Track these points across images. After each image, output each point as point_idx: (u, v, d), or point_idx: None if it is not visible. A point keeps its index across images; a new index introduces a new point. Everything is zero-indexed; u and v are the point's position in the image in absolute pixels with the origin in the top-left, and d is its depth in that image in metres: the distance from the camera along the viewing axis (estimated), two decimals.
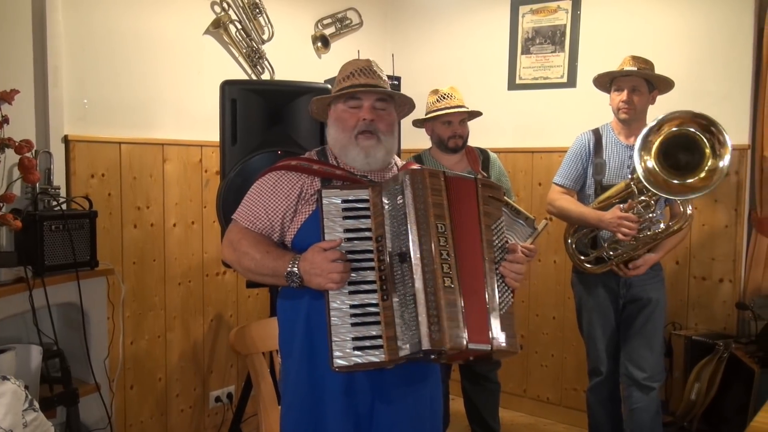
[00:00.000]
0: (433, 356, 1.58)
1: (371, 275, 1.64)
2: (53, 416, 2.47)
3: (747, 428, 1.75)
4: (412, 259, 1.59)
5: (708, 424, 3.09)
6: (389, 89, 1.83)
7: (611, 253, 2.75)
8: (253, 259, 1.75)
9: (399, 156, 2.06)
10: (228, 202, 2.59)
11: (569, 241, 2.91)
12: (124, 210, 2.99)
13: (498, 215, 1.73)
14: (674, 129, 2.54)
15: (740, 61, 3.24)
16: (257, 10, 3.47)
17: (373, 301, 1.62)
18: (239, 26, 3.41)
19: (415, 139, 3.60)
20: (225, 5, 3.34)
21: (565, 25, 3.73)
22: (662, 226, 2.66)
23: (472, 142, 3.04)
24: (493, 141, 3.29)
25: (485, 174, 2.87)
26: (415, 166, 1.91)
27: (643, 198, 2.63)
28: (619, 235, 2.64)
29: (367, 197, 1.68)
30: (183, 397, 3.30)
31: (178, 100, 3.19)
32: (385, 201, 1.66)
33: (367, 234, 1.66)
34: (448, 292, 1.59)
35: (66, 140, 2.77)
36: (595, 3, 3.64)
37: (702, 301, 3.38)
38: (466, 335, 1.57)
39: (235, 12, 3.39)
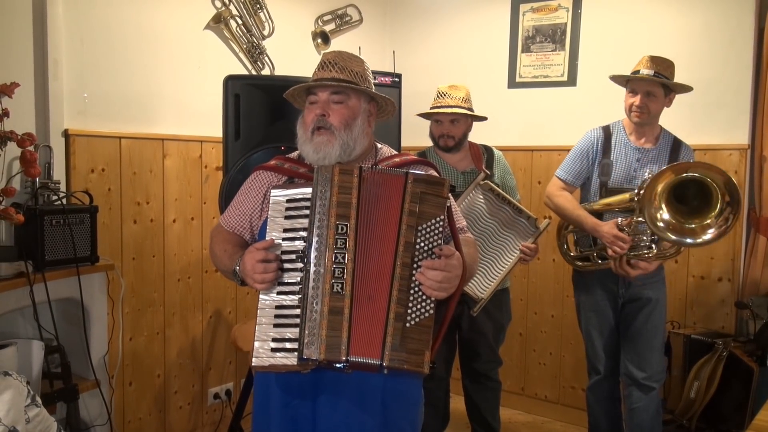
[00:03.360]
0: (337, 365, 1.52)
1: (296, 276, 1.59)
2: (53, 412, 2.45)
3: (749, 427, 1.75)
4: (311, 261, 1.55)
5: (707, 422, 3.11)
6: (350, 81, 1.74)
7: (599, 260, 2.76)
8: (215, 256, 1.84)
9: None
10: (230, 197, 2.56)
11: (562, 231, 2.92)
12: (124, 205, 2.97)
13: (435, 214, 1.56)
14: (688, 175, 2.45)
15: (740, 61, 3.25)
16: (258, 6, 3.45)
17: (292, 303, 1.58)
18: (240, 21, 3.39)
19: (415, 136, 3.60)
20: (226, 0, 3.32)
21: (565, 24, 3.73)
22: (655, 250, 2.62)
23: (474, 139, 3.03)
24: (492, 139, 3.28)
25: (489, 172, 2.86)
26: (411, 157, 1.88)
27: (642, 219, 2.56)
28: (610, 251, 2.64)
29: (310, 195, 1.60)
30: (181, 393, 3.28)
31: (179, 95, 3.16)
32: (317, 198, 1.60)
33: (302, 233, 1.60)
34: (335, 298, 1.52)
35: (66, 134, 2.75)
36: (595, 2, 3.64)
37: (701, 300, 3.40)
38: (346, 346, 1.50)
39: (236, 7, 3.37)
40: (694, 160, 2.77)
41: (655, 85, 2.66)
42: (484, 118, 2.97)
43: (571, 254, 2.93)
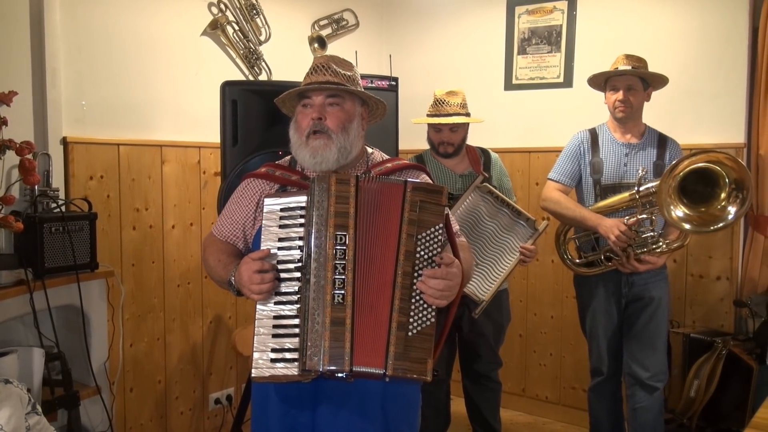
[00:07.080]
0: (339, 375, 1.51)
1: (293, 286, 1.58)
2: (54, 419, 2.46)
3: (748, 424, 1.76)
4: (311, 272, 1.54)
5: (707, 420, 3.11)
6: (345, 85, 1.73)
7: (607, 263, 2.76)
8: (209, 266, 1.82)
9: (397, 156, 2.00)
10: None
11: (561, 239, 2.93)
12: (123, 212, 2.98)
13: (434, 222, 1.57)
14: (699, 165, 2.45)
15: (735, 60, 3.27)
16: (254, 11, 3.46)
17: (291, 313, 1.57)
18: (237, 27, 3.40)
19: (412, 139, 3.61)
20: (222, 6, 3.33)
21: (561, 26, 3.74)
22: (663, 246, 2.67)
23: (471, 142, 3.04)
24: (489, 141, 3.30)
25: (486, 174, 2.87)
26: (403, 162, 1.86)
27: (644, 216, 2.64)
28: (611, 243, 2.66)
29: (305, 203, 1.59)
30: (182, 399, 3.28)
31: (176, 101, 3.18)
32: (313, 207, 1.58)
33: (298, 242, 1.58)
34: (337, 309, 1.51)
35: (64, 142, 2.76)
36: (590, 3, 3.66)
37: (700, 299, 3.41)
38: (349, 357, 1.50)
39: (232, 13, 3.38)
40: (680, 153, 2.80)
41: (634, 79, 2.76)
42: (480, 122, 2.98)
43: (576, 261, 2.91)
